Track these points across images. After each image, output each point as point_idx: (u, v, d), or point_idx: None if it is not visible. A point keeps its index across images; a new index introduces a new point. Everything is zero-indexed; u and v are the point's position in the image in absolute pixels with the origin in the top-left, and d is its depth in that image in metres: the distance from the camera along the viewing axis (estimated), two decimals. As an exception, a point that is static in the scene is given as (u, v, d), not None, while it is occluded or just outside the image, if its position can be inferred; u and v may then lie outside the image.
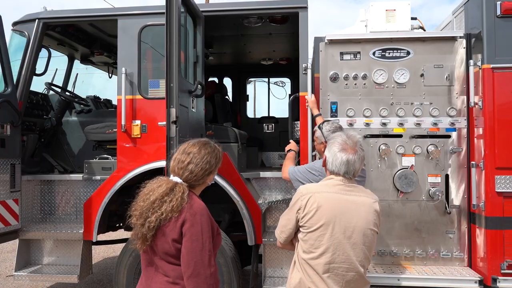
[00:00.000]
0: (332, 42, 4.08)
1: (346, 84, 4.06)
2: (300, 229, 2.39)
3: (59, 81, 5.95)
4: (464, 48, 3.96)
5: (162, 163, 4.09)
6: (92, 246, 4.61)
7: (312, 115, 4.01)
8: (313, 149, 3.90)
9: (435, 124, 3.96)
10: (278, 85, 7.80)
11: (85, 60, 6.18)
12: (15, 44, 4.74)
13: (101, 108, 5.94)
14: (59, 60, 6.05)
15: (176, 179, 2.18)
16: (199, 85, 4.24)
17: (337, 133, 2.67)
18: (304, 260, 2.35)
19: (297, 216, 2.38)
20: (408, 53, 4.01)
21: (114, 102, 5.80)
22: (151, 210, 2.09)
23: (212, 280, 2.05)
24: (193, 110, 4.15)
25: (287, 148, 3.89)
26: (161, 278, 2.12)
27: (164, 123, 3.51)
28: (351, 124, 4.03)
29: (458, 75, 3.98)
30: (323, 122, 3.50)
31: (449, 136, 3.97)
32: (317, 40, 4.14)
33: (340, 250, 2.28)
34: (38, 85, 5.27)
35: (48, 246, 4.60)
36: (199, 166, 2.20)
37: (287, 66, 6.85)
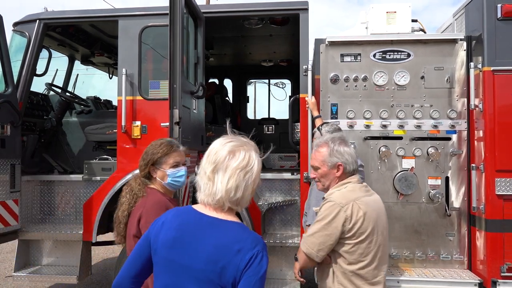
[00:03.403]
0: (333, 44, 4.08)
1: (347, 86, 4.06)
2: (345, 241, 2.23)
3: (59, 81, 5.96)
4: (464, 50, 3.97)
5: (162, 164, 4.08)
6: (92, 247, 4.61)
7: (312, 116, 4.01)
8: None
9: (436, 126, 3.96)
10: (278, 87, 7.81)
11: (85, 61, 6.18)
12: (16, 45, 4.74)
13: (101, 108, 5.93)
14: (60, 60, 6.06)
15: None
16: (200, 86, 4.24)
17: (319, 140, 2.51)
18: (352, 272, 2.22)
19: (342, 229, 2.20)
20: (409, 55, 4.02)
21: (115, 103, 5.80)
22: (120, 208, 2.36)
23: None
24: (195, 111, 4.15)
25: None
26: None
27: (167, 124, 3.51)
28: (351, 126, 4.04)
29: (458, 78, 3.98)
30: (322, 124, 3.50)
31: (449, 139, 3.97)
32: (318, 41, 4.15)
33: (384, 252, 2.29)
34: (38, 85, 5.27)
35: (48, 246, 4.59)
36: (141, 159, 2.50)
37: (287, 68, 6.86)
